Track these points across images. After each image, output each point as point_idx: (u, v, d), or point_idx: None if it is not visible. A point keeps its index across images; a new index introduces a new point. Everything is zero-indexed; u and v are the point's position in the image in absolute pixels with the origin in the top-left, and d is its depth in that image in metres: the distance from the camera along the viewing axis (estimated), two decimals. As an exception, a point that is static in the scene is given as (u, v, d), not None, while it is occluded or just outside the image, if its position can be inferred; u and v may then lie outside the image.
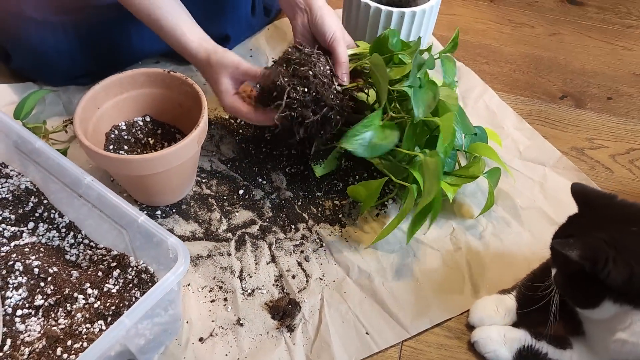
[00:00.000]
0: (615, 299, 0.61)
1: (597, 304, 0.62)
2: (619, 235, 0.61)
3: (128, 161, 0.70)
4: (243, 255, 0.78)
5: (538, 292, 0.69)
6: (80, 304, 0.66)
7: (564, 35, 1.19)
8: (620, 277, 0.58)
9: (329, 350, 0.69)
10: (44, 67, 0.93)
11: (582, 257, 0.59)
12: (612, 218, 0.64)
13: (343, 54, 0.78)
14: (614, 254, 0.58)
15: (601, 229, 0.62)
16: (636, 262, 0.59)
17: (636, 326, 0.61)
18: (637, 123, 1.01)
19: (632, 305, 0.60)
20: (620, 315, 0.62)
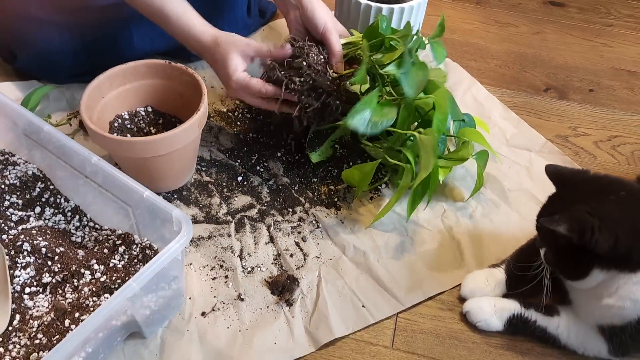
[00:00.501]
0: (603, 266, 0.64)
1: (587, 273, 0.65)
2: (599, 205, 0.64)
3: (132, 143, 0.73)
4: (242, 236, 0.81)
5: (529, 271, 0.72)
6: (86, 279, 0.69)
7: (546, 33, 1.24)
8: (607, 244, 0.61)
9: (327, 322, 0.72)
10: (49, 65, 0.96)
11: (570, 230, 0.62)
12: (590, 191, 0.67)
13: (336, 43, 0.82)
14: (598, 223, 0.61)
15: (582, 202, 0.65)
16: (619, 228, 0.62)
17: (622, 290, 0.64)
18: (618, 113, 1.06)
19: (618, 270, 0.63)
20: (606, 282, 0.65)
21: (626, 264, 0.63)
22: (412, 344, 0.72)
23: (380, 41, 0.83)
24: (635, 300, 0.63)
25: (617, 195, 0.65)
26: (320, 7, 0.85)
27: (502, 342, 0.73)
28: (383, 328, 0.73)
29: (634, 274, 0.63)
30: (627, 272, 0.63)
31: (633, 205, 0.64)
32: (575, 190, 0.68)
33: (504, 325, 0.73)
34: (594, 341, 0.69)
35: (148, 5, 0.81)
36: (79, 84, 0.99)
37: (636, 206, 0.64)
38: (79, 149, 0.70)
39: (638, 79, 1.13)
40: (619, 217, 0.63)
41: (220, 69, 0.82)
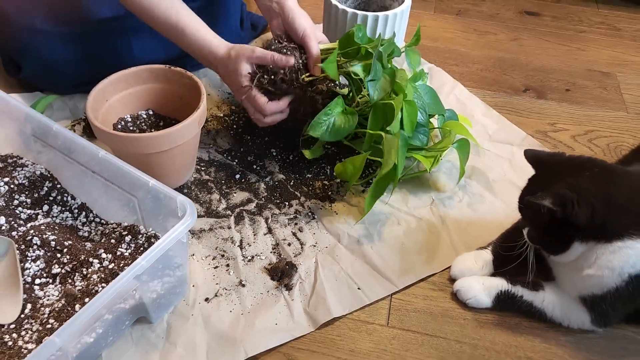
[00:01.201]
0: (582, 238, 0.68)
1: (568, 247, 0.69)
2: (576, 181, 0.69)
3: (136, 139, 0.77)
4: (242, 228, 0.85)
5: (514, 251, 0.76)
6: (95, 267, 0.72)
7: (523, 40, 1.31)
8: (585, 215, 0.66)
9: (325, 304, 0.76)
10: (53, 75, 1.01)
11: (554, 204, 0.66)
12: (566, 170, 0.72)
13: (314, 47, 0.88)
14: (577, 197, 0.66)
15: (561, 180, 0.70)
16: (595, 200, 0.67)
17: (600, 260, 0.68)
18: (593, 109, 1.12)
19: (596, 241, 0.68)
20: (586, 254, 0.69)
21: (602, 234, 0.67)
22: (407, 321, 0.76)
23: (356, 49, 0.88)
24: (612, 268, 0.68)
25: (591, 172, 0.70)
26: (300, 15, 0.91)
27: (491, 318, 0.76)
28: (378, 308, 0.77)
29: (609, 243, 0.67)
30: (604, 242, 0.68)
31: (605, 179, 0.70)
32: (553, 171, 0.73)
33: (492, 302, 0.77)
34: (577, 312, 0.74)
35: (165, 21, 0.86)
36: (81, 94, 1.04)
37: (608, 180, 0.69)
38: (86, 145, 0.75)
39: (611, 78, 1.20)
40: (594, 190, 0.68)
41: (233, 77, 0.87)
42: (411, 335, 0.74)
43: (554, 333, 0.75)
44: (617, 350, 0.73)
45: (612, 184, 0.69)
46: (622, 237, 0.67)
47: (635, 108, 1.12)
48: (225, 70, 0.88)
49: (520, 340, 0.74)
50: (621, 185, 0.69)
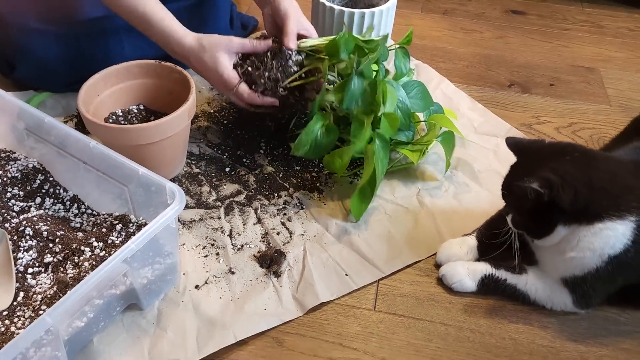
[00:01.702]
0: (565, 221, 0.70)
1: (552, 230, 0.71)
2: (558, 165, 0.71)
3: (127, 130, 0.79)
4: (232, 219, 0.87)
5: (499, 238, 0.78)
6: (86, 255, 0.74)
7: (509, 37, 1.34)
8: (568, 198, 0.68)
9: (313, 290, 0.77)
10: (46, 74, 1.03)
11: (542, 186, 0.67)
12: (547, 155, 0.74)
13: (290, 26, 0.89)
14: (560, 180, 0.68)
15: (543, 165, 0.72)
16: (577, 182, 0.68)
17: (582, 242, 0.70)
18: (577, 103, 1.14)
19: (578, 223, 0.69)
20: (568, 237, 0.71)
21: (584, 216, 0.69)
22: (393, 306, 0.77)
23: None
24: (593, 250, 0.69)
25: (571, 156, 0.72)
26: (288, 3, 0.92)
27: (476, 302, 0.78)
28: (365, 293, 0.79)
29: (591, 225, 0.69)
30: (586, 224, 0.69)
31: (585, 163, 0.71)
32: (535, 157, 0.75)
33: (477, 286, 0.78)
34: (559, 294, 0.75)
35: (132, 10, 0.87)
36: (74, 92, 1.05)
37: (588, 164, 0.71)
38: (78, 135, 0.76)
39: (594, 74, 1.23)
40: (576, 173, 0.69)
41: (211, 70, 0.87)
42: (397, 318, 0.76)
43: (537, 315, 0.76)
44: (599, 331, 0.75)
45: (592, 167, 0.71)
46: (603, 219, 0.68)
47: (617, 101, 1.15)
48: (199, 62, 0.87)
49: (504, 322, 0.76)
50: (600, 168, 0.71)
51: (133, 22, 0.89)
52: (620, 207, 0.68)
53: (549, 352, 0.73)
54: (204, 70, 0.89)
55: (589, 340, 0.74)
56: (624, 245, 0.69)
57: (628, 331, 0.75)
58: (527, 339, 0.74)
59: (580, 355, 0.72)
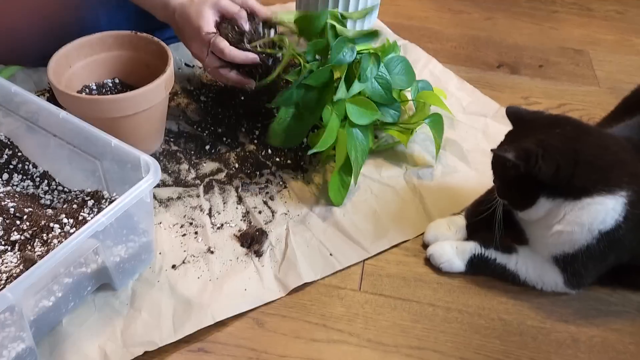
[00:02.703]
0: (548, 194, 0.68)
1: (534, 202, 0.69)
2: (545, 137, 0.69)
3: (100, 101, 0.75)
4: (211, 197, 0.83)
5: (485, 212, 0.76)
6: (56, 232, 0.69)
7: (497, 19, 1.31)
8: (549, 171, 0.66)
9: (296, 270, 0.74)
10: (16, 47, 0.98)
11: (517, 157, 0.66)
12: (540, 126, 0.72)
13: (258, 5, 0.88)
14: (542, 152, 0.66)
15: (531, 136, 0.70)
16: (560, 156, 0.66)
17: (569, 216, 0.68)
18: (565, 85, 1.12)
19: (563, 198, 0.68)
20: (554, 210, 0.69)
21: (569, 191, 0.67)
22: (379, 286, 0.74)
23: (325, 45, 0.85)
24: (581, 224, 0.67)
25: (562, 129, 0.70)
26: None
27: (465, 282, 0.76)
28: (350, 274, 0.76)
29: (578, 200, 0.67)
30: (572, 199, 0.67)
31: (575, 137, 0.69)
32: (528, 127, 0.73)
33: (465, 266, 0.76)
34: (550, 273, 0.73)
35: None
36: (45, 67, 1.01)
37: (577, 138, 0.69)
38: (46, 106, 0.72)
39: (583, 55, 1.21)
40: (561, 147, 0.67)
41: (193, 23, 0.82)
42: (384, 299, 0.73)
43: (527, 295, 0.74)
44: (590, 311, 0.73)
45: (581, 141, 0.69)
46: (591, 194, 0.66)
47: (606, 83, 1.13)
48: (183, 15, 0.83)
49: (493, 303, 0.73)
50: (590, 142, 0.69)
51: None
52: (609, 181, 0.66)
53: (539, 332, 0.70)
54: (186, 25, 0.84)
55: (579, 320, 0.72)
56: (615, 221, 0.67)
57: (619, 311, 0.73)
58: (516, 319, 0.71)
59: (571, 336, 0.70)
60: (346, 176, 0.83)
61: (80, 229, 0.59)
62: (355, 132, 0.82)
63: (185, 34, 0.85)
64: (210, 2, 0.83)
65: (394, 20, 1.26)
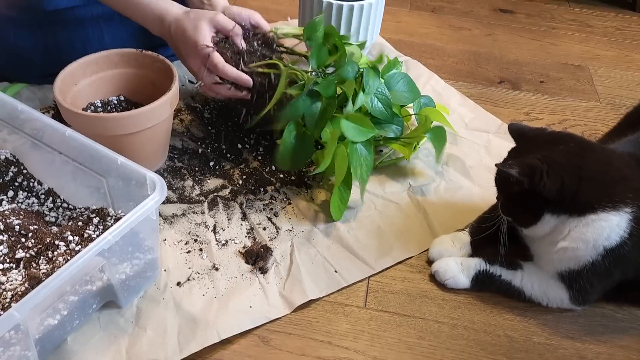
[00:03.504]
0: (553, 211, 0.68)
1: (538, 219, 0.69)
2: (549, 153, 0.69)
3: (106, 119, 0.75)
4: (216, 214, 0.83)
5: (490, 229, 0.76)
6: (61, 249, 0.69)
7: (498, 35, 1.33)
8: (554, 187, 0.66)
9: (301, 286, 0.74)
10: (21, 64, 0.99)
11: (521, 174, 0.67)
12: (543, 143, 0.73)
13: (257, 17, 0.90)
14: (547, 168, 0.66)
15: (535, 152, 0.70)
16: (565, 173, 0.67)
17: (574, 232, 0.68)
18: (567, 100, 1.13)
19: (568, 214, 0.68)
20: (558, 227, 0.69)
21: (574, 208, 0.67)
22: (385, 303, 0.74)
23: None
24: (586, 241, 0.67)
25: (566, 146, 0.70)
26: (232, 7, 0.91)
27: (470, 298, 0.75)
28: (355, 290, 0.75)
29: (582, 217, 0.67)
30: (577, 215, 0.67)
31: (579, 154, 0.70)
32: (531, 143, 0.74)
33: (471, 282, 0.76)
34: (555, 290, 0.73)
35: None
36: (50, 84, 1.01)
37: (582, 155, 0.69)
38: (52, 123, 0.72)
39: (583, 71, 1.22)
40: (565, 163, 0.68)
41: (189, 38, 0.83)
42: (389, 316, 0.73)
43: (533, 312, 0.74)
44: (596, 327, 0.73)
45: (585, 158, 0.69)
46: (596, 210, 0.67)
47: (607, 98, 1.14)
48: (180, 30, 0.83)
49: (499, 320, 0.73)
50: (594, 158, 0.69)
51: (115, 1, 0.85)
52: (614, 197, 0.66)
53: (545, 349, 0.70)
54: (181, 39, 0.84)
55: (586, 337, 0.72)
56: (620, 238, 0.67)
57: (625, 328, 0.73)
58: (523, 336, 0.71)
59: (578, 353, 0.70)
60: (345, 191, 0.83)
61: (87, 247, 0.58)
62: (359, 148, 0.82)
63: (182, 49, 0.86)
64: (207, 17, 0.83)
65: (395, 37, 1.27)
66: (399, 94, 0.92)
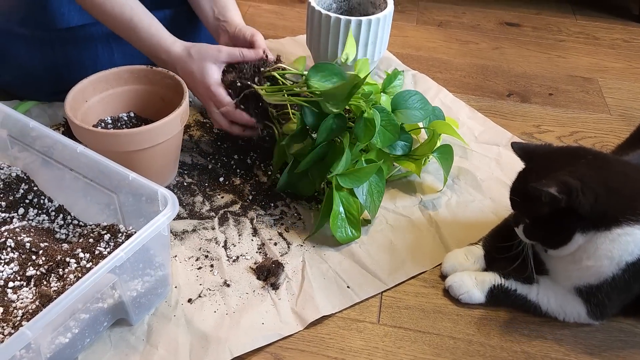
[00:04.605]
0: (583, 229, 0.66)
1: (569, 239, 0.66)
2: (575, 169, 0.67)
3: (116, 135, 0.75)
4: (226, 229, 0.82)
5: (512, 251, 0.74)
6: (72, 267, 0.69)
7: (505, 48, 1.33)
8: (589, 202, 0.64)
9: (313, 302, 0.73)
10: (32, 82, 0.99)
11: (560, 192, 0.63)
12: (560, 159, 0.71)
13: (260, 41, 0.90)
14: (580, 184, 0.64)
15: (559, 169, 0.67)
16: (597, 185, 0.65)
17: (600, 250, 0.66)
18: (577, 112, 1.13)
19: (596, 230, 0.65)
20: (585, 246, 0.67)
21: (602, 221, 0.65)
22: (398, 318, 0.73)
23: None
24: (611, 257, 0.66)
25: (586, 159, 0.68)
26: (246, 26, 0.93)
27: (485, 313, 0.74)
28: (369, 306, 0.74)
29: (609, 231, 0.65)
30: (604, 230, 0.65)
31: (602, 165, 0.68)
32: (547, 161, 0.71)
33: (485, 297, 0.74)
34: (572, 304, 0.72)
35: (118, 16, 0.84)
36: (60, 102, 1.01)
37: (604, 166, 0.68)
38: (64, 141, 0.72)
39: (592, 83, 1.21)
40: (595, 176, 0.66)
41: (198, 81, 0.85)
42: (403, 332, 0.72)
43: (550, 327, 0.73)
44: (615, 342, 0.71)
45: (608, 169, 0.68)
46: (620, 224, 0.65)
47: (617, 110, 1.13)
48: (187, 72, 0.85)
49: (515, 335, 0.72)
50: (616, 171, 0.68)
51: (118, 29, 0.87)
52: (636, 210, 0.65)
53: (564, 365, 0.69)
54: (191, 81, 0.87)
55: (604, 352, 0.70)
56: (640, 251, 0.66)
57: (645, 343, 0.72)
58: (540, 352, 0.70)
59: (597, 369, 0.69)
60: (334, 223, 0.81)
61: (100, 264, 0.58)
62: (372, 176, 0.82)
63: (192, 89, 0.88)
64: (211, 57, 0.84)
65: (403, 51, 1.27)
66: (409, 113, 0.89)
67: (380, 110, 0.82)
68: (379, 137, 0.83)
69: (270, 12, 1.42)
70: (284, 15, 1.41)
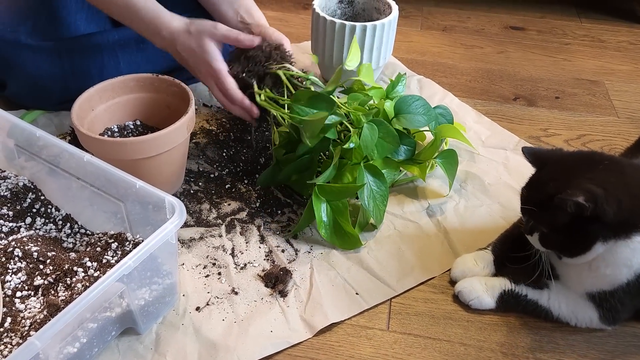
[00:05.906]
0: (604, 237, 0.64)
1: (590, 247, 0.65)
2: (594, 175, 0.65)
3: (123, 143, 0.75)
4: (234, 237, 0.82)
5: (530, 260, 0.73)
6: (80, 276, 0.69)
7: (510, 52, 1.32)
8: (612, 210, 0.62)
9: (322, 310, 0.72)
10: (39, 92, 0.99)
11: (588, 200, 0.61)
12: (576, 165, 0.68)
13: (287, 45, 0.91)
14: (603, 191, 0.62)
15: (578, 176, 0.65)
16: (620, 192, 0.63)
17: (619, 259, 0.65)
18: (584, 115, 1.12)
19: (616, 238, 0.64)
20: (604, 254, 0.65)
21: (623, 229, 0.64)
22: (408, 325, 0.72)
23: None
24: (630, 266, 0.65)
25: (604, 165, 0.67)
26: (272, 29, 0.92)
27: (496, 319, 0.73)
28: (378, 312, 0.74)
29: (629, 239, 0.64)
30: (624, 238, 0.64)
31: (620, 170, 0.67)
32: (561, 167, 0.69)
33: (496, 302, 0.74)
34: (584, 309, 0.71)
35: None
36: (67, 111, 1.02)
37: (622, 171, 0.67)
38: (70, 149, 0.72)
39: (598, 86, 1.21)
40: (616, 183, 0.64)
41: (199, 57, 0.84)
42: (413, 339, 0.71)
43: (561, 333, 0.72)
44: (629, 348, 0.70)
45: (626, 175, 0.66)
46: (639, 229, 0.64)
47: (625, 113, 1.13)
48: (187, 49, 0.84)
49: (527, 341, 0.71)
50: (633, 175, 0.67)
51: (117, 12, 0.86)
52: None
53: (577, 371, 0.68)
54: (190, 57, 0.86)
55: (618, 358, 0.69)
56: (656, 256, 0.64)
57: (658, 347, 0.71)
58: (553, 358, 0.69)
59: (611, 375, 0.68)
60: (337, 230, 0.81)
61: (107, 273, 0.58)
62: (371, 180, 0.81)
63: (190, 65, 0.87)
64: (208, 33, 0.83)
65: (407, 56, 1.27)
66: (412, 118, 0.89)
67: (378, 124, 0.82)
68: (376, 150, 0.83)
69: (274, 19, 1.42)
70: (288, 22, 1.41)
